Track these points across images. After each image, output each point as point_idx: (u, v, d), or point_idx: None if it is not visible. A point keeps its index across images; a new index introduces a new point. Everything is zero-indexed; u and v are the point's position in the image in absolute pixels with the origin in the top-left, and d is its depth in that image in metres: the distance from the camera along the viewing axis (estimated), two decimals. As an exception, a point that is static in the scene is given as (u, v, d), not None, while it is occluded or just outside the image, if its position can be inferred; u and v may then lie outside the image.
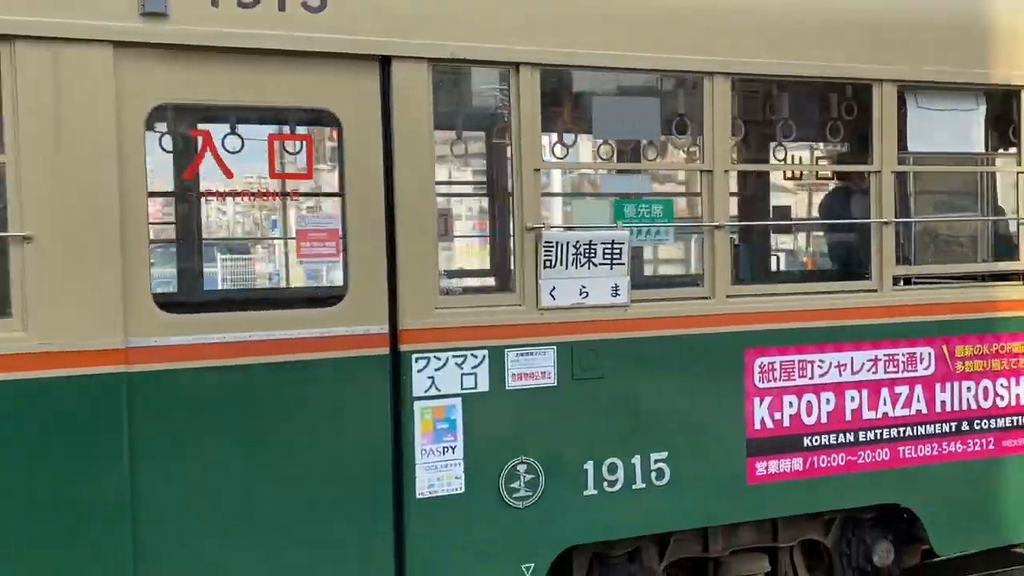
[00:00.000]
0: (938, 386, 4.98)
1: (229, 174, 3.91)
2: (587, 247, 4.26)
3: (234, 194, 4.46)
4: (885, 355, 4.85)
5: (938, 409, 4.97)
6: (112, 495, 3.59)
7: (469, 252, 9.39)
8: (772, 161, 6.26)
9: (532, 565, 4.22)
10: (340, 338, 3.91)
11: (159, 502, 3.67)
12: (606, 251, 4.29)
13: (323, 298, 4.54)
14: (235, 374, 3.76)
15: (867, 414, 4.82)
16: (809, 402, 4.71)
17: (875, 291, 4.84)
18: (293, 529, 3.87)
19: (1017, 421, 5.15)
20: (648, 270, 7.95)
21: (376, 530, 4.01)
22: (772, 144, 6.06)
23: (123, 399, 3.58)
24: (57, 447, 3.52)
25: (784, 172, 7.03)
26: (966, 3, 5.16)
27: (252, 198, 4.73)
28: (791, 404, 4.68)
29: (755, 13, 4.61)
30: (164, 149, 4.93)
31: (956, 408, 5.01)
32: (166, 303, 3.91)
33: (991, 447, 5.10)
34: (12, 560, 3.48)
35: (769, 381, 4.63)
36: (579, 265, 4.23)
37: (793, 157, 6.78)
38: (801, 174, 7.33)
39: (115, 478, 3.59)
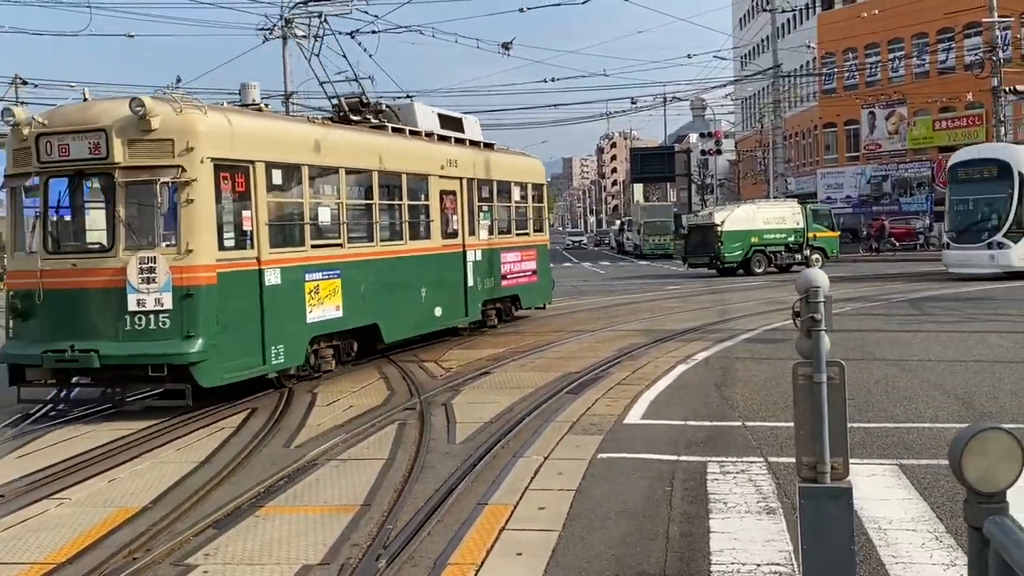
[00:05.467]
0: (521, 263, 18.51)
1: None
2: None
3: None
4: (513, 255, 18.17)
5: (520, 270, 18.52)
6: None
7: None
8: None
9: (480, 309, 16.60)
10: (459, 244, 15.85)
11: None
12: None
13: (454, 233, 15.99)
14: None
15: (514, 269, 18.12)
16: (505, 265, 17.81)
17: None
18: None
19: (527, 275, 19.00)
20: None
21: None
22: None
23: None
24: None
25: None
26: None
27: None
28: (505, 265, 17.74)
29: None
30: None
31: (520, 271, 18.62)
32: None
33: (526, 279, 18.84)
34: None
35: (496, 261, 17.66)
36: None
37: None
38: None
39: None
